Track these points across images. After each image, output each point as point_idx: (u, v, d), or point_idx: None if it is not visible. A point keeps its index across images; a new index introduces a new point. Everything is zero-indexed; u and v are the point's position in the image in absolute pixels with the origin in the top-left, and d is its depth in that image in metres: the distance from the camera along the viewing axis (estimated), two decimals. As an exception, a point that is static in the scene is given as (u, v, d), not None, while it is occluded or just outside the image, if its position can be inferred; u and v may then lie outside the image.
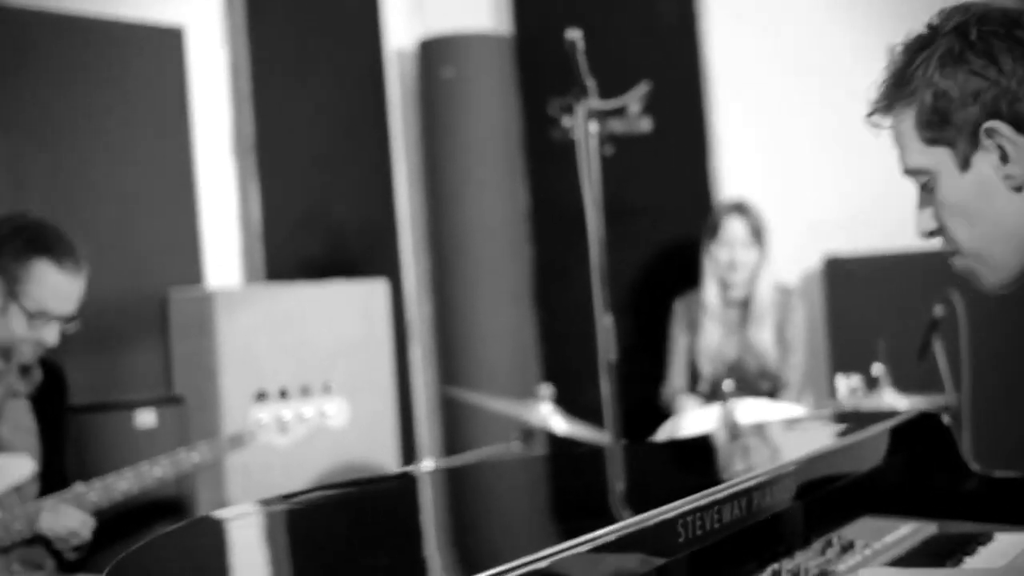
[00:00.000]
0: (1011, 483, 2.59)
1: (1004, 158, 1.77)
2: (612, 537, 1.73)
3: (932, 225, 1.88)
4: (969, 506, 2.57)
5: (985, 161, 1.79)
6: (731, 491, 1.98)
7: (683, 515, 1.86)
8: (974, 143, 1.79)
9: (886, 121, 1.92)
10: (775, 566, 2.17)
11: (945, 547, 2.38)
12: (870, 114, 1.93)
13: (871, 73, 1.94)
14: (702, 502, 1.91)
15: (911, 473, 2.67)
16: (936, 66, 1.81)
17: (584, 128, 3.64)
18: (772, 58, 5.60)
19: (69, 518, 3.47)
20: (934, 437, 2.66)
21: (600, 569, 1.70)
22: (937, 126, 1.81)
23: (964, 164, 1.80)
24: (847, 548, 2.31)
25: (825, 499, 2.42)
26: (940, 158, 1.83)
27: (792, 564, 2.18)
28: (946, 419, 2.66)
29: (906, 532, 2.48)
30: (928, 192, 1.87)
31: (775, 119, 5.59)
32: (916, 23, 1.92)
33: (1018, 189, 1.78)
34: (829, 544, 2.32)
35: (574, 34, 3.45)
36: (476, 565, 1.56)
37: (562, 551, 1.64)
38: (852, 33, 5.31)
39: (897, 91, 1.87)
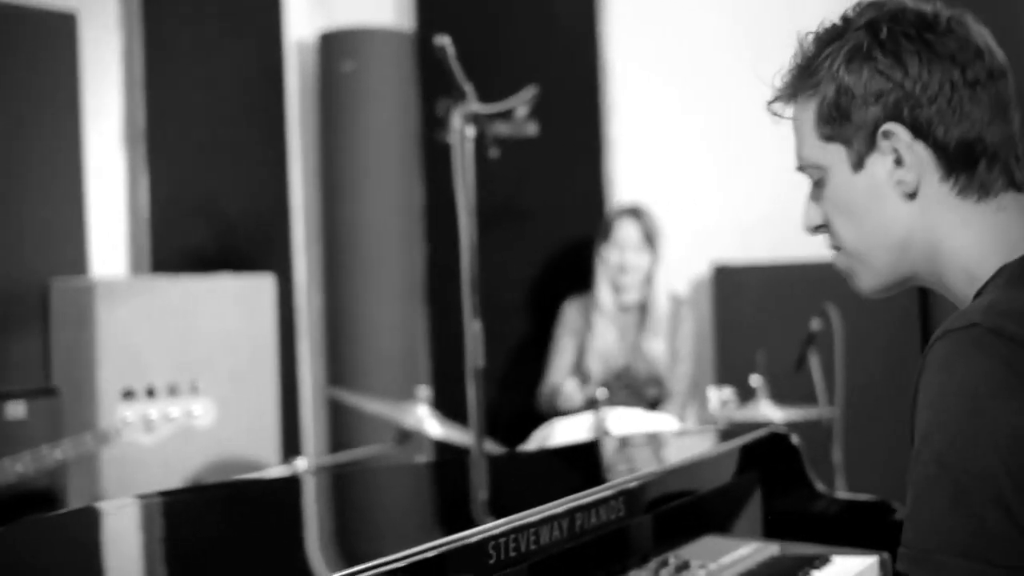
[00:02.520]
0: (855, 505, 2.59)
1: (898, 162, 1.74)
2: (416, 558, 1.71)
3: (819, 220, 1.86)
4: (813, 527, 2.57)
5: (879, 164, 1.75)
6: (550, 512, 1.96)
7: (494, 537, 1.84)
8: (870, 144, 1.75)
9: (788, 111, 1.87)
10: (603, 585, 2.16)
11: (781, 569, 2.38)
12: (772, 101, 1.88)
13: (765, 83, 1.91)
14: (518, 523, 1.88)
15: (757, 492, 2.67)
16: (843, 60, 1.76)
17: (460, 132, 3.62)
18: (669, 64, 5.61)
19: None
20: (782, 457, 2.66)
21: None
22: (836, 122, 1.77)
23: (858, 164, 1.76)
24: (682, 567, 2.30)
25: (665, 517, 2.41)
26: (834, 155, 1.79)
27: (622, 584, 2.17)
28: (795, 439, 2.66)
29: (746, 552, 2.47)
30: (819, 188, 1.85)
31: (669, 125, 5.59)
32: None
33: (909, 196, 1.74)
34: (665, 563, 2.31)
35: (443, 39, 3.42)
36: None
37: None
38: (748, 43, 5.31)
39: (802, 81, 1.82)
